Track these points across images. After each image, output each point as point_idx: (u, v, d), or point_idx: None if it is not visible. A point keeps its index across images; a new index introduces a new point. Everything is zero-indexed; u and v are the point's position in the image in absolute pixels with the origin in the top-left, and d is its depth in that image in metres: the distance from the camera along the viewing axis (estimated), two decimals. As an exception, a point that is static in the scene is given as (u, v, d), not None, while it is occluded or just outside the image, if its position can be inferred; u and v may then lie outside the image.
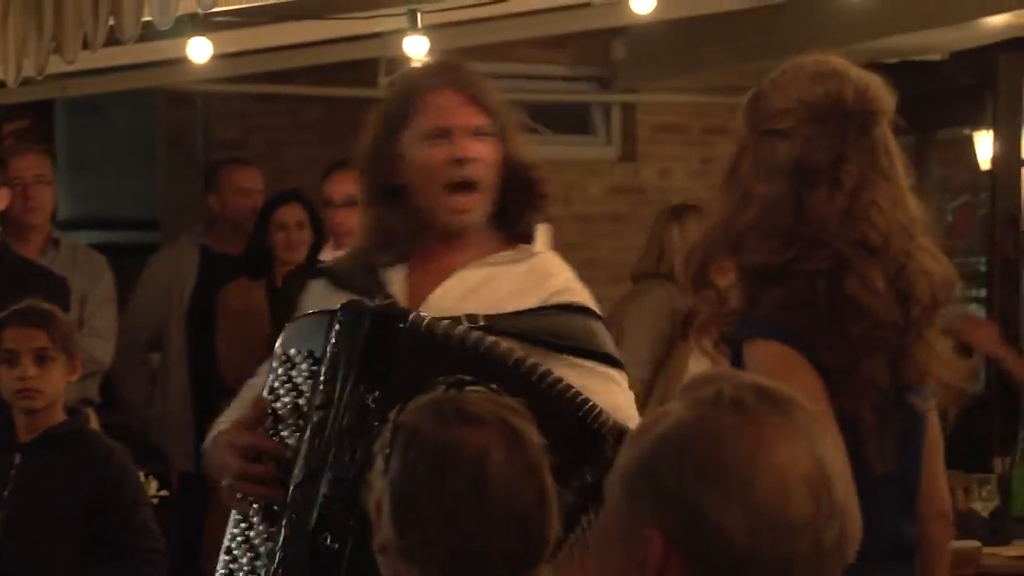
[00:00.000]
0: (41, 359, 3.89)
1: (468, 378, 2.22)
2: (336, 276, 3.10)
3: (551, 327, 2.91)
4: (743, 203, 2.64)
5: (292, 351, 2.95)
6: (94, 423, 4.89)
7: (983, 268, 7.19)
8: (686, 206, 6.01)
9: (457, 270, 2.99)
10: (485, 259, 3.00)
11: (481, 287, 2.98)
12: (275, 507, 2.89)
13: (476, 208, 2.98)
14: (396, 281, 3.02)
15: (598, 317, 3.00)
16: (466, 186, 2.97)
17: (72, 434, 3.95)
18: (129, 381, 6.06)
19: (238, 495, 2.92)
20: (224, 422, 3.06)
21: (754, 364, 2.55)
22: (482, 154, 2.98)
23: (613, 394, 2.90)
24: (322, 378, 2.89)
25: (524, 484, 2.00)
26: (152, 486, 4.41)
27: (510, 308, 2.93)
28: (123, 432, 5.64)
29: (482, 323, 2.88)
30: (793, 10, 6.38)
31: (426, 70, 3.09)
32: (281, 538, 2.85)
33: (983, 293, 7.12)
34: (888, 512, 2.57)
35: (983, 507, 4.99)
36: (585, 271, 3.15)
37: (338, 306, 2.93)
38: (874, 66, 2.76)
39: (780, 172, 2.62)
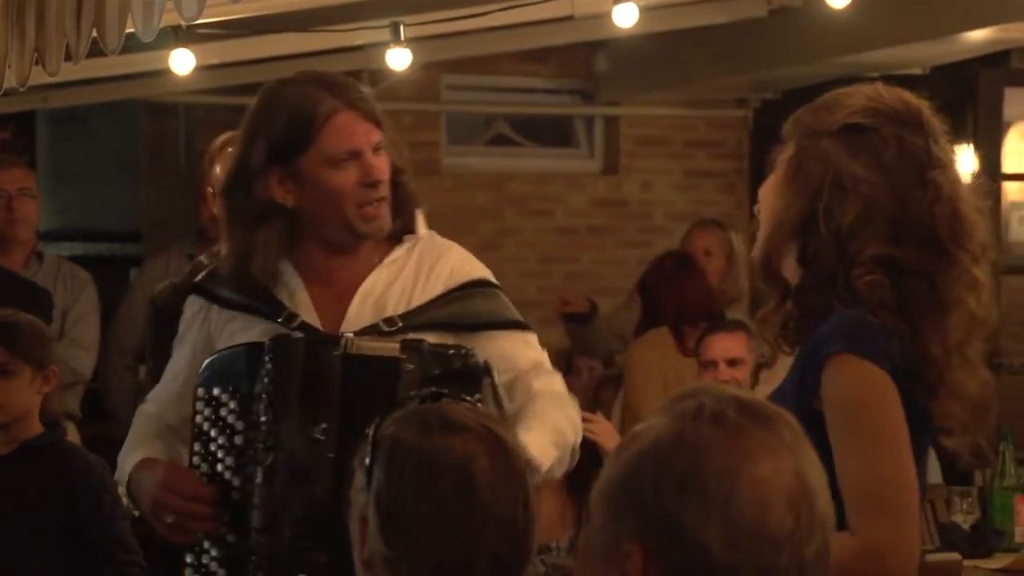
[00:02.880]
0: (1, 373, 3.87)
1: (444, 391, 2.23)
2: (227, 300, 3.07)
3: (463, 309, 3.05)
4: (834, 193, 2.50)
5: (216, 391, 2.97)
6: (74, 435, 4.87)
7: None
8: None
9: (359, 282, 3.05)
10: (381, 264, 3.07)
11: (388, 291, 3.05)
12: (228, 537, 2.95)
13: (386, 215, 3.06)
14: (302, 304, 3.04)
15: (494, 285, 3.13)
16: (377, 201, 3.03)
17: (49, 447, 3.93)
18: (114, 391, 6.04)
19: (181, 532, 2.97)
20: (140, 441, 3.10)
21: (841, 383, 2.43)
22: (385, 169, 3.05)
23: (529, 353, 3.09)
24: (263, 418, 2.92)
25: (509, 489, 2.00)
26: (131, 499, 4.39)
27: (418, 301, 3.03)
28: (106, 444, 5.62)
29: (400, 324, 2.98)
30: (774, 24, 6.40)
31: (313, 89, 3.00)
32: None
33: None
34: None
35: (964, 520, 5.00)
36: (567, 283, 3.18)
37: (257, 339, 2.96)
38: (855, 80, 2.75)
39: (875, 164, 2.51)
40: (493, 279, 3.16)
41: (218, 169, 4.21)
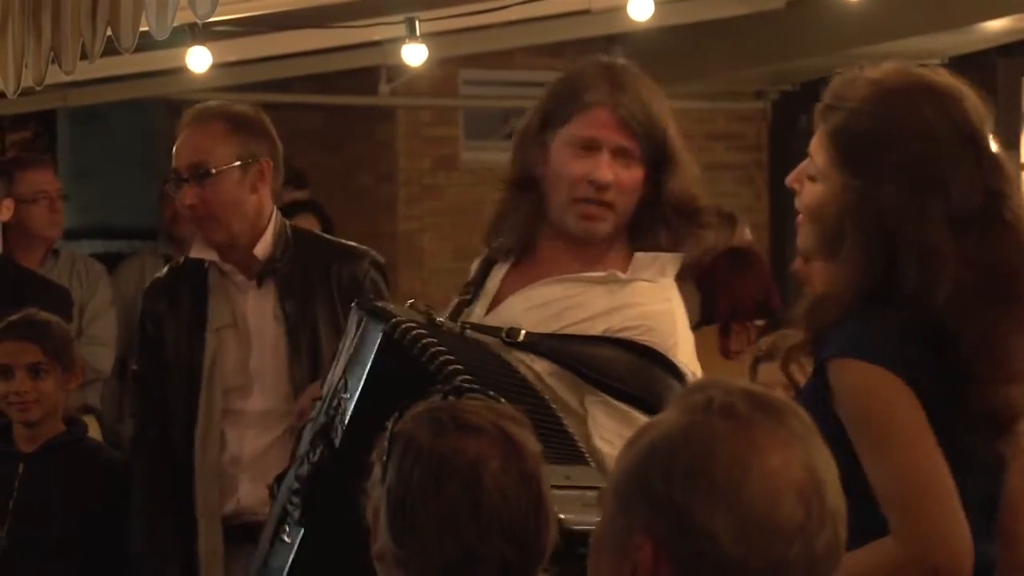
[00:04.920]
0: (35, 372, 3.91)
1: (466, 385, 2.22)
2: (483, 260, 3.14)
3: (594, 359, 2.85)
4: (883, 251, 2.41)
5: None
6: (94, 430, 4.89)
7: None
8: None
9: (544, 279, 2.97)
10: (567, 275, 2.96)
11: (554, 303, 2.94)
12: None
13: (606, 220, 2.97)
14: (496, 277, 3.05)
15: (662, 362, 2.88)
16: (599, 203, 2.97)
17: (73, 443, 3.98)
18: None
19: None
20: None
21: (845, 391, 2.40)
22: (620, 179, 2.96)
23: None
24: (333, 364, 3.03)
25: (520, 493, 2.00)
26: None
27: (570, 329, 2.90)
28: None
29: (521, 339, 2.88)
30: (792, 15, 6.39)
31: (596, 77, 3.06)
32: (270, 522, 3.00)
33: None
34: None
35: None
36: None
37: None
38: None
39: (930, 220, 2.42)
40: (677, 362, 2.88)
41: None
